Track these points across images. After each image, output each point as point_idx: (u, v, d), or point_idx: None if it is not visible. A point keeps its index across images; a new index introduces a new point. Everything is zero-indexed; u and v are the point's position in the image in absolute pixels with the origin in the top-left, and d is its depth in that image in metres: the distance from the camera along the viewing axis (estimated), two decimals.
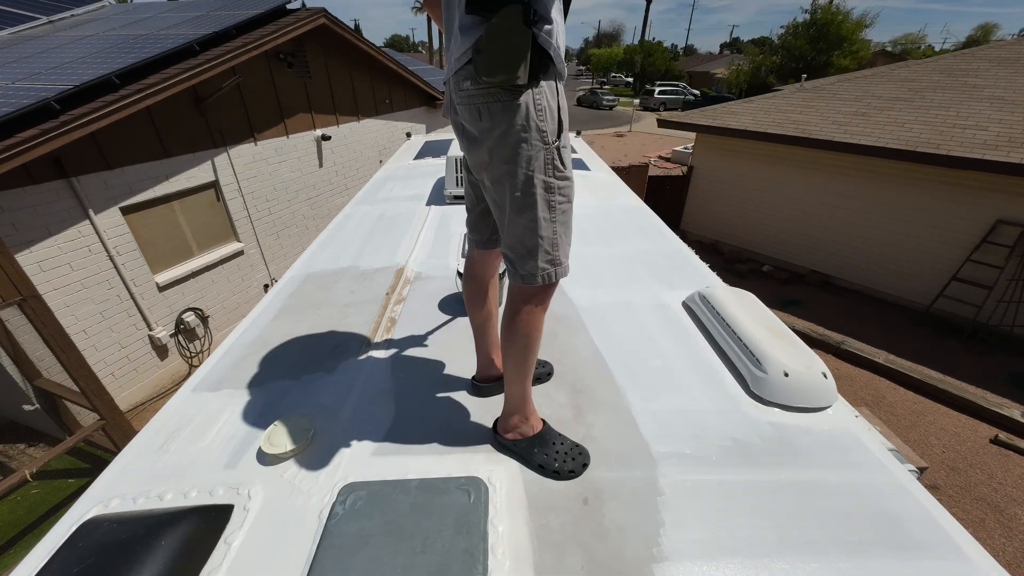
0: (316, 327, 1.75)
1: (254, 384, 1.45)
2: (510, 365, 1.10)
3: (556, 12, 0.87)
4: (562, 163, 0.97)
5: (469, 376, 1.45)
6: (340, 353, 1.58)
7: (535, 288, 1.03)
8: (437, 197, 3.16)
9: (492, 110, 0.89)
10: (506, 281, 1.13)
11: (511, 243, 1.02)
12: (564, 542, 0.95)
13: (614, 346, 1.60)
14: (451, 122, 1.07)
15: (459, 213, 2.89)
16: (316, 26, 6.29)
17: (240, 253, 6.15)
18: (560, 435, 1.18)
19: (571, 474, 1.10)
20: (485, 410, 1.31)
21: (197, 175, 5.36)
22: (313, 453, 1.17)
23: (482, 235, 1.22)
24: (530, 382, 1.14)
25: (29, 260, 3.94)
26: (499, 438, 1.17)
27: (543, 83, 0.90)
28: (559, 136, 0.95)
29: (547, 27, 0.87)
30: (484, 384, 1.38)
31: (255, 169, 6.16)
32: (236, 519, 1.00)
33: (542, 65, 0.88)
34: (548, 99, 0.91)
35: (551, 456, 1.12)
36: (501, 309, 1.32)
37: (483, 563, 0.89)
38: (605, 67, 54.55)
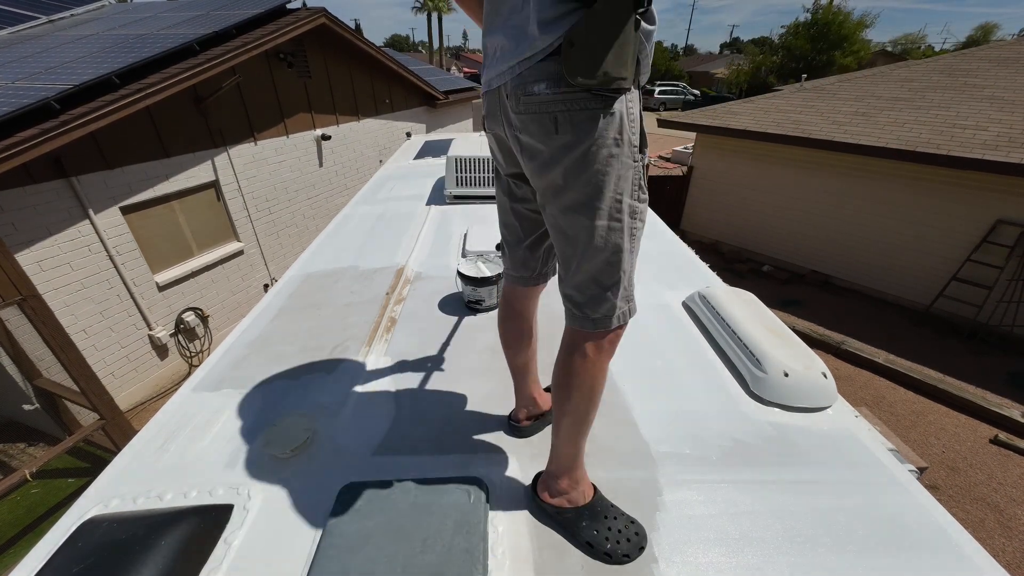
0: (316, 327, 1.75)
1: (254, 384, 1.44)
2: (568, 422, 0.92)
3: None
4: (645, 184, 0.80)
5: (468, 376, 1.44)
6: (340, 353, 1.58)
7: (607, 332, 0.85)
8: (437, 197, 3.16)
9: (576, 120, 0.71)
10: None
11: (583, 281, 0.83)
12: (564, 542, 0.95)
13: None
14: (494, 138, 0.89)
15: (459, 213, 2.89)
16: (316, 26, 6.28)
17: (240, 253, 6.15)
18: (613, 507, 0.98)
19: (625, 558, 0.90)
20: (486, 410, 1.31)
21: (197, 175, 5.36)
22: (313, 453, 1.17)
23: (531, 271, 1.04)
24: (585, 440, 0.96)
25: (29, 260, 3.94)
26: (540, 501, 0.98)
27: (635, 89, 0.73)
28: (643, 150, 0.78)
29: (649, 25, 0.71)
30: (525, 424, 1.20)
31: (255, 169, 6.16)
32: (236, 519, 1.00)
33: (638, 67, 0.72)
34: (638, 107, 0.75)
35: (602, 534, 0.92)
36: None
37: (483, 563, 0.89)
38: None
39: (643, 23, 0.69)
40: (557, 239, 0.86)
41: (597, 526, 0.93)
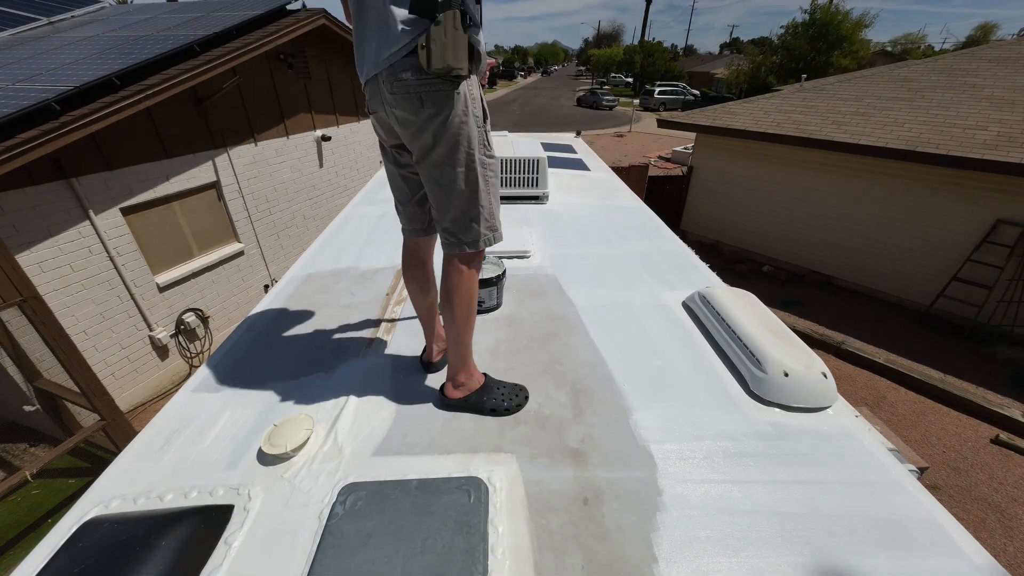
0: (316, 328, 1.76)
1: (254, 384, 1.45)
2: (456, 328, 1.24)
3: (481, 19, 1.03)
4: (490, 143, 1.15)
5: None
6: (340, 353, 1.58)
7: (476, 254, 1.20)
8: None
9: (435, 98, 1.02)
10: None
11: (455, 216, 1.15)
12: (564, 542, 0.95)
13: (614, 346, 1.60)
14: (375, 118, 1.18)
15: None
16: (316, 27, 6.29)
17: (240, 254, 6.15)
18: (499, 381, 1.37)
19: (518, 407, 1.31)
20: None
21: (197, 175, 5.36)
22: (313, 453, 1.17)
23: (422, 223, 1.33)
24: (471, 340, 1.30)
25: (30, 261, 3.94)
26: (448, 400, 1.31)
27: (473, 76, 1.06)
28: (486, 120, 1.13)
29: (477, 32, 1.01)
30: (436, 360, 1.51)
31: (255, 170, 6.16)
32: (236, 519, 1.00)
33: (473, 61, 1.01)
34: (477, 89, 1.10)
35: (498, 399, 1.31)
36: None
37: (483, 563, 0.89)
38: (605, 67, 54.64)
39: (471, 32, 0.97)
40: (431, 188, 1.16)
41: (493, 396, 1.31)
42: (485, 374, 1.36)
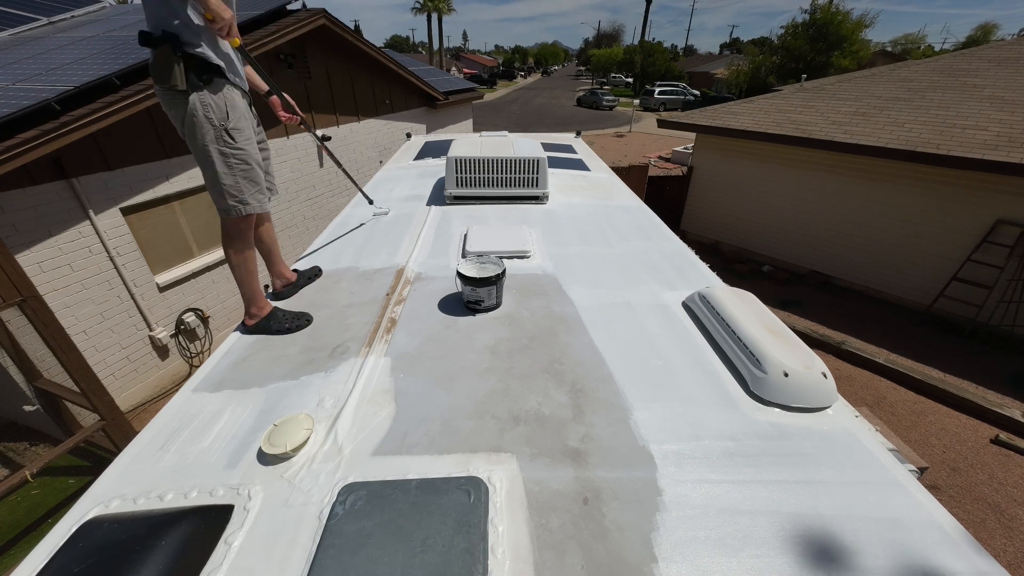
0: (316, 328, 1.76)
1: (254, 384, 1.45)
2: (235, 275, 1.70)
3: (214, 45, 1.44)
4: (232, 136, 1.51)
5: (468, 376, 1.45)
6: (340, 353, 1.58)
7: (228, 220, 1.61)
8: (437, 197, 3.16)
9: (173, 104, 1.44)
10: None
11: (209, 191, 1.58)
12: (564, 542, 0.95)
13: (614, 346, 1.60)
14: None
15: (460, 214, 2.89)
16: (316, 27, 6.29)
17: None
18: (284, 310, 1.79)
19: (299, 328, 1.72)
20: (486, 410, 1.31)
21: (197, 175, 5.34)
22: (313, 453, 1.17)
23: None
24: (252, 285, 1.72)
25: (29, 261, 3.94)
26: (246, 327, 1.72)
27: (208, 89, 1.43)
28: (228, 120, 1.49)
29: (200, 51, 1.39)
30: (281, 290, 2.01)
31: None
32: (236, 519, 1.00)
33: (204, 79, 1.40)
34: (215, 97, 1.45)
35: (280, 322, 1.71)
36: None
37: (483, 563, 0.89)
38: (605, 67, 54.66)
39: (191, 56, 1.39)
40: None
41: (277, 320, 1.72)
42: (275, 306, 1.78)
